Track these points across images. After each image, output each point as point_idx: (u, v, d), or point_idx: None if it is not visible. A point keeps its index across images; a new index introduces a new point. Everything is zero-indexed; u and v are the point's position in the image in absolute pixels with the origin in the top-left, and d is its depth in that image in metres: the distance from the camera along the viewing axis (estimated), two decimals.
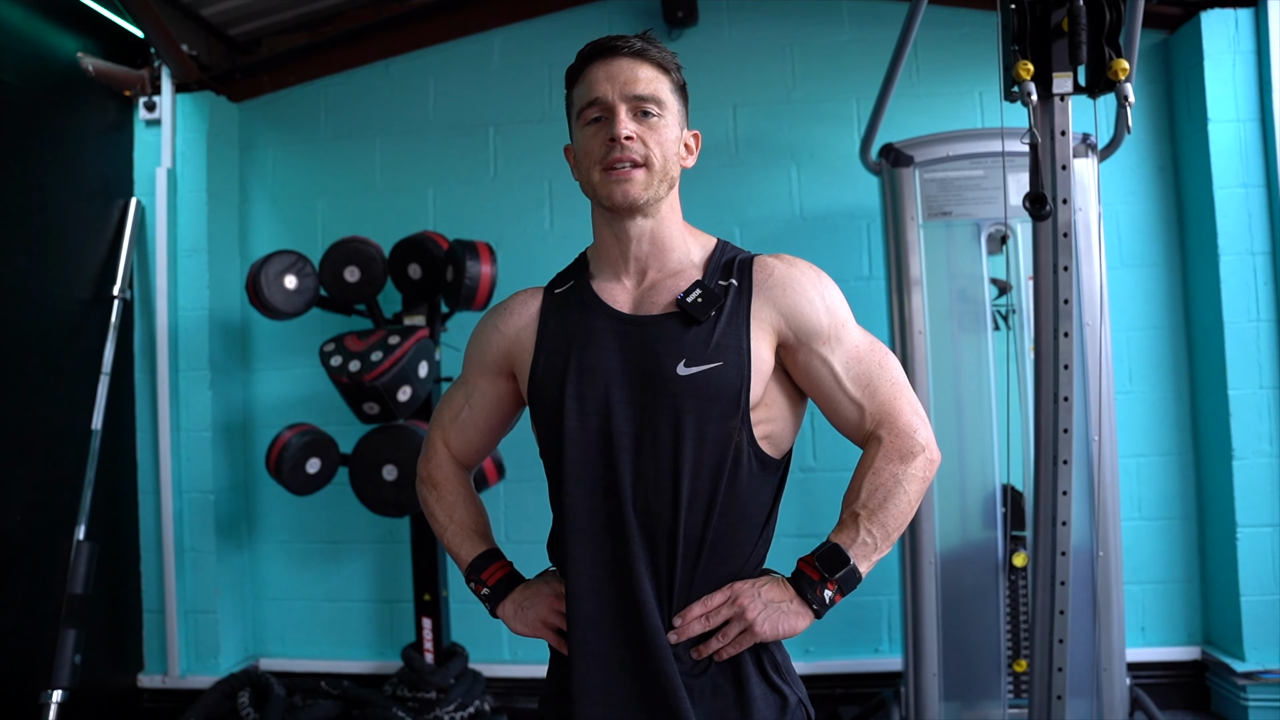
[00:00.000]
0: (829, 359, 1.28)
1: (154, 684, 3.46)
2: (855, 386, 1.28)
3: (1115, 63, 1.99)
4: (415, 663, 3.27)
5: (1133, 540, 3.23)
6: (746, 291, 1.28)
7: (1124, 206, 3.30)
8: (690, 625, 1.23)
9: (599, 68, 1.28)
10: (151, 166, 3.52)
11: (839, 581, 1.24)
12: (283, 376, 3.68)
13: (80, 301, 3.23)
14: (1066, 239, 2.08)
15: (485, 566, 1.40)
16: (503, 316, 1.41)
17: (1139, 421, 3.28)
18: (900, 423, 1.27)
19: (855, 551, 1.24)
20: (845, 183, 3.40)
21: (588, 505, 1.25)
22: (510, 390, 1.43)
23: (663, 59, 1.30)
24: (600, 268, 1.37)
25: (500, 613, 1.38)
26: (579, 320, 1.32)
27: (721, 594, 1.24)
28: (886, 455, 1.26)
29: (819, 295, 1.28)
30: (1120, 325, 3.25)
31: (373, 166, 3.71)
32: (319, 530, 3.63)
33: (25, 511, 2.94)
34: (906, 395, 1.30)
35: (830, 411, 1.32)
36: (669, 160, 1.29)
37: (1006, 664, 2.69)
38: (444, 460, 1.48)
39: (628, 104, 1.26)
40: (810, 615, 1.25)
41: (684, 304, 1.27)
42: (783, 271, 1.30)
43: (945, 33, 3.37)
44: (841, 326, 1.29)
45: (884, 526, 1.25)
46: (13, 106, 3.00)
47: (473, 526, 1.45)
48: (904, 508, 1.25)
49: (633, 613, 1.22)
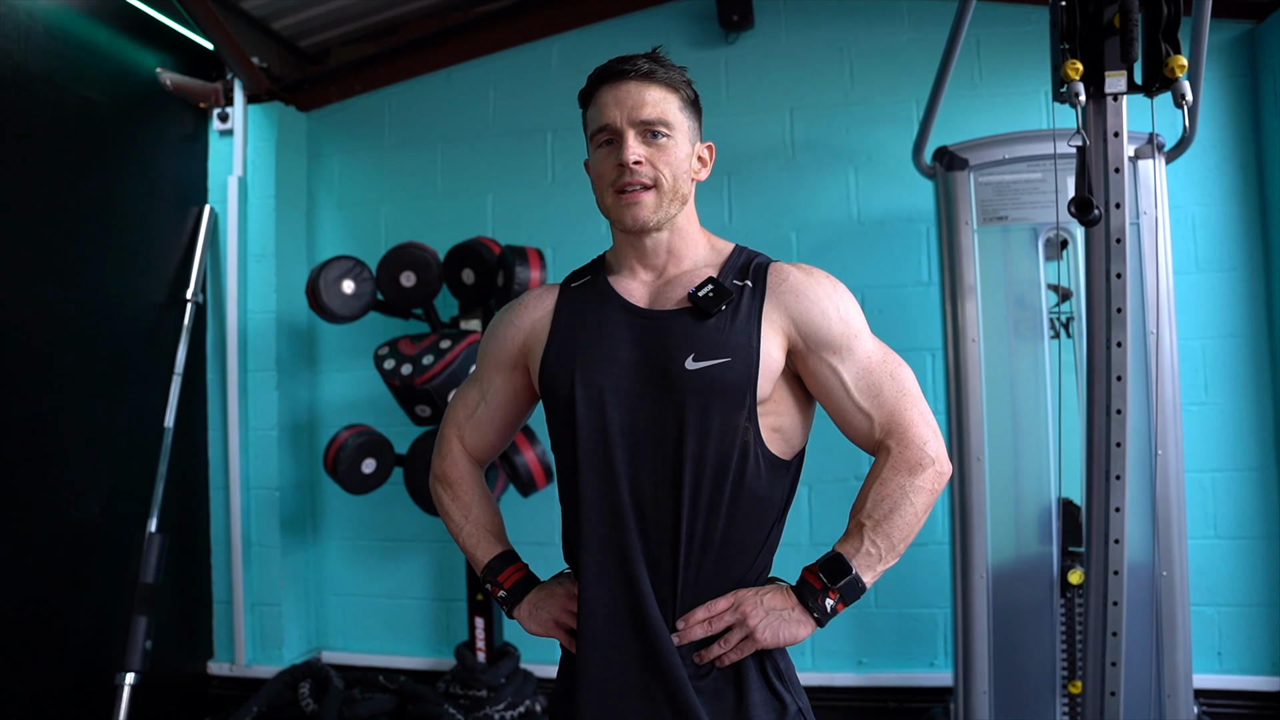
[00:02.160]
0: (839, 368, 1.28)
1: (222, 671, 3.61)
2: (864, 397, 1.28)
3: (1172, 59, 1.90)
4: (467, 661, 3.33)
5: (1207, 560, 3.07)
6: (760, 293, 1.29)
7: (1200, 209, 3.14)
8: (693, 629, 1.25)
9: (608, 92, 1.30)
10: (224, 175, 3.67)
11: (841, 590, 1.24)
12: (346, 378, 3.79)
13: (156, 305, 3.39)
14: (1120, 245, 1.99)
15: (502, 569, 1.43)
16: (518, 311, 1.43)
17: (1215, 434, 3.11)
18: (910, 434, 1.27)
19: (859, 561, 1.25)
20: (904, 186, 3.32)
21: (597, 496, 1.26)
22: (525, 384, 1.44)
23: (670, 78, 1.31)
24: (619, 265, 1.39)
25: (516, 614, 1.41)
26: (594, 312, 1.35)
27: (725, 600, 1.26)
28: (894, 466, 1.26)
29: (832, 305, 1.29)
30: (1195, 333, 3.09)
31: (434, 172, 3.79)
32: (379, 528, 3.72)
33: (103, 504, 3.09)
34: (918, 406, 1.29)
35: (840, 420, 1.32)
36: (679, 179, 1.31)
37: (1061, 685, 2.58)
38: (459, 458, 1.49)
39: (635, 129, 1.28)
40: (812, 623, 1.25)
41: (695, 298, 1.28)
42: (797, 279, 1.31)
43: (1008, 31, 3.26)
44: (854, 337, 1.29)
45: (889, 537, 1.25)
46: (98, 121, 3.17)
47: (488, 526, 1.47)
48: (910, 519, 1.25)
49: (637, 607, 1.24)
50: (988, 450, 2.64)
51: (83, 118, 3.09)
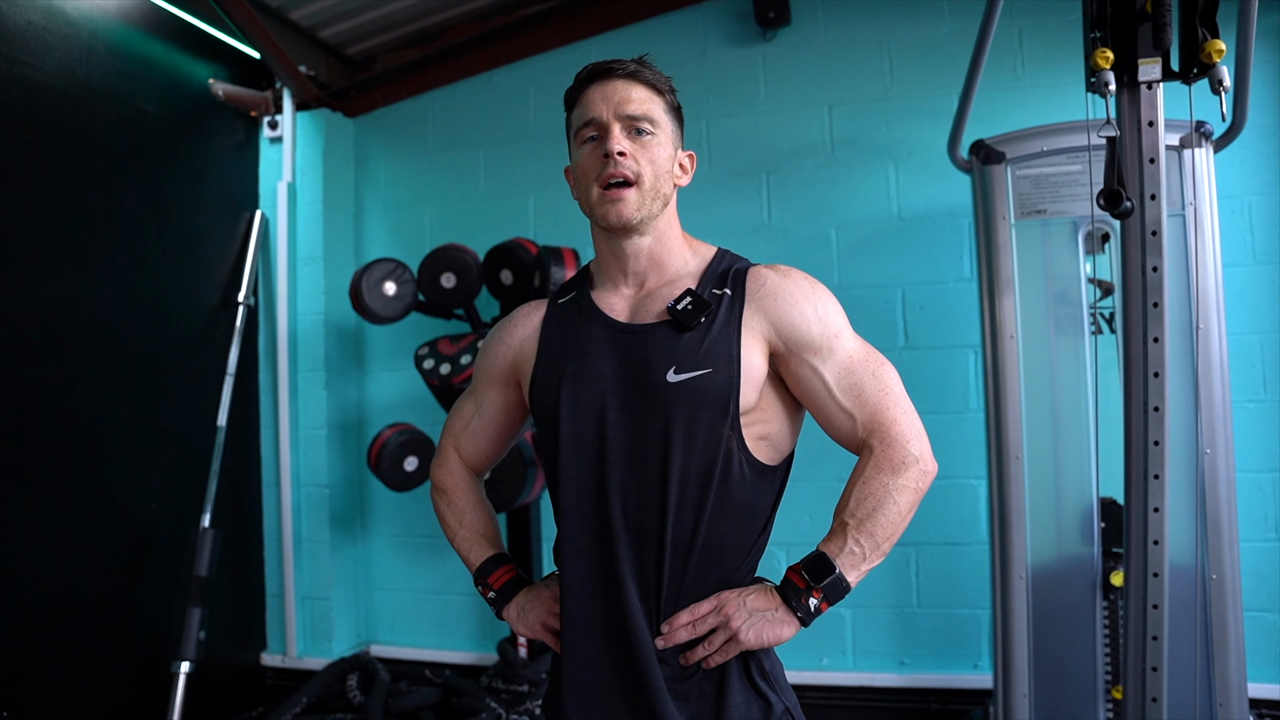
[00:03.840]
0: (820, 369, 1.28)
1: (275, 663, 3.72)
2: (846, 396, 1.28)
3: (1209, 44, 1.83)
4: (509, 656, 3.38)
5: (1266, 564, 2.95)
6: (739, 300, 1.30)
7: (1257, 198, 3.02)
8: (676, 633, 1.25)
9: (595, 89, 1.32)
10: (274, 181, 3.78)
11: (825, 590, 1.24)
12: (393, 378, 3.87)
13: (209, 308, 3.51)
14: (1156, 238, 1.93)
15: (492, 571, 1.47)
16: (508, 329, 1.47)
17: (1276, 432, 2.99)
18: (893, 432, 1.26)
19: (842, 560, 1.24)
20: (945, 181, 3.26)
21: (580, 509, 1.29)
22: (517, 399, 1.48)
23: (656, 81, 1.33)
24: (601, 280, 1.41)
25: (505, 615, 1.45)
26: (578, 329, 1.36)
27: (708, 603, 1.26)
28: (877, 465, 1.26)
29: (811, 306, 1.29)
30: (1249, 328, 2.97)
31: (477, 175, 3.85)
32: (425, 525, 3.79)
33: (159, 500, 3.22)
34: (901, 405, 1.29)
35: (823, 421, 1.32)
36: (660, 177, 1.32)
37: (1105, 689, 2.51)
38: (455, 466, 1.54)
39: (621, 122, 1.30)
40: (796, 623, 1.25)
41: (674, 311, 1.29)
42: (775, 282, 1.31)
43: (1052, 20, 3.18)
44: (835, 337, 1.29)
45: (872, 536, 1.24)
46: (153, 131, 3.30)
47: (481, 531, 1.51)
48: (894, 518, 1.24)
49: (619, 615, 1.25)
50: (1027, 448, 2.58)
51: (139, 129, 3.22)
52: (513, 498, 3.15)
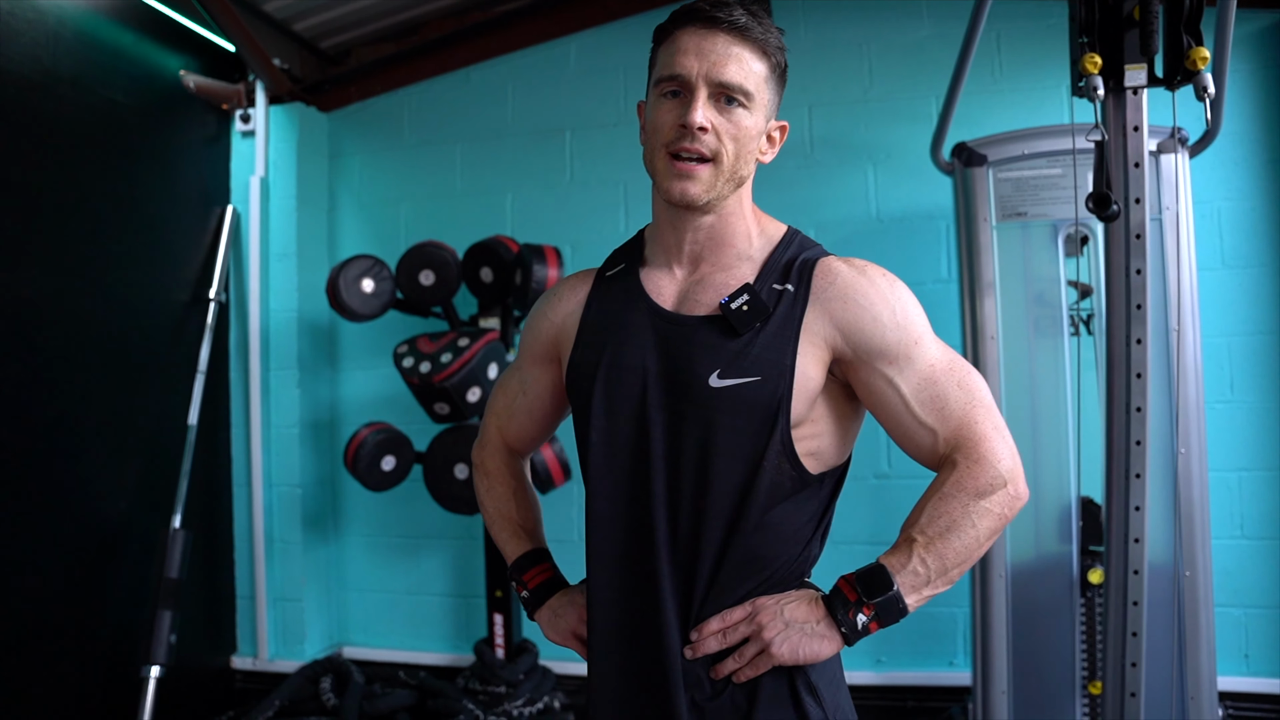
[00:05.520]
0: (895, 380, 1.13)
1: (245, 666, 3.66)
2: (926, 409, 1.13)
3: (1194, 51, 1.87)
4: (486, 657, 3.35)
5: (1234, 560, 3.02)
6: (802, 299, 1.15)
7: (1226, 203, 3.09)
8: (705, 641, 1.14)
9: (691, 37, 1.14)
10: (246, 175, 3.71)
11: (877, 607, 1.09)
12: (368, 376, 3.82)
13: (180, 304, 3.44)
14: (1139, 241, 1.97)
15: (528, 568, 1.36)
16: (553, 302, 1.35)
17: (1242, 433, 3.06)
18: (981, 449, 1.11)
19: (903, 579, 1.10)
20: (923, 183, 3.29)
21: (610, 511, 1.19)
22: (560, 378, 1.34)
23: (765, 40, 1.14)
24: (654, 251, 1.27)
25: (537, 618, 1.34)
26: (620, 312, 1.24)
27: (742, 609, 1.14)
28: (960, 483, 1.10)
29: (887, 309, 1.13)
30: (1220, 330, 3.04)
31: (453, 171, 3.81)
32: (399, 525, 3.75)
33: (128, 501, 3.14)
34: (991, 419, 1.13)
35: (899, 437, 1.17)
36: (741, 157, 1.15)
37: (1081, 685, 2.56)
38: (497, 448, 1.44)
39: (711, 88, 1.12)
40: (838, 639, 1.11)
41: (727, 310, 1.15)
42: (847, 279, 1.15)
43: (1030, 25, 3.22)
44: (914, 345, 1.14)
45: (941, 559, 1.09)
46: (122, 123, 3.22)
47: (520, 522, 1.40)
48: (970, 544, 1.09)
49: (647, 624, 1.15)
50: None
51: (108, 119, 3.14)
52: None
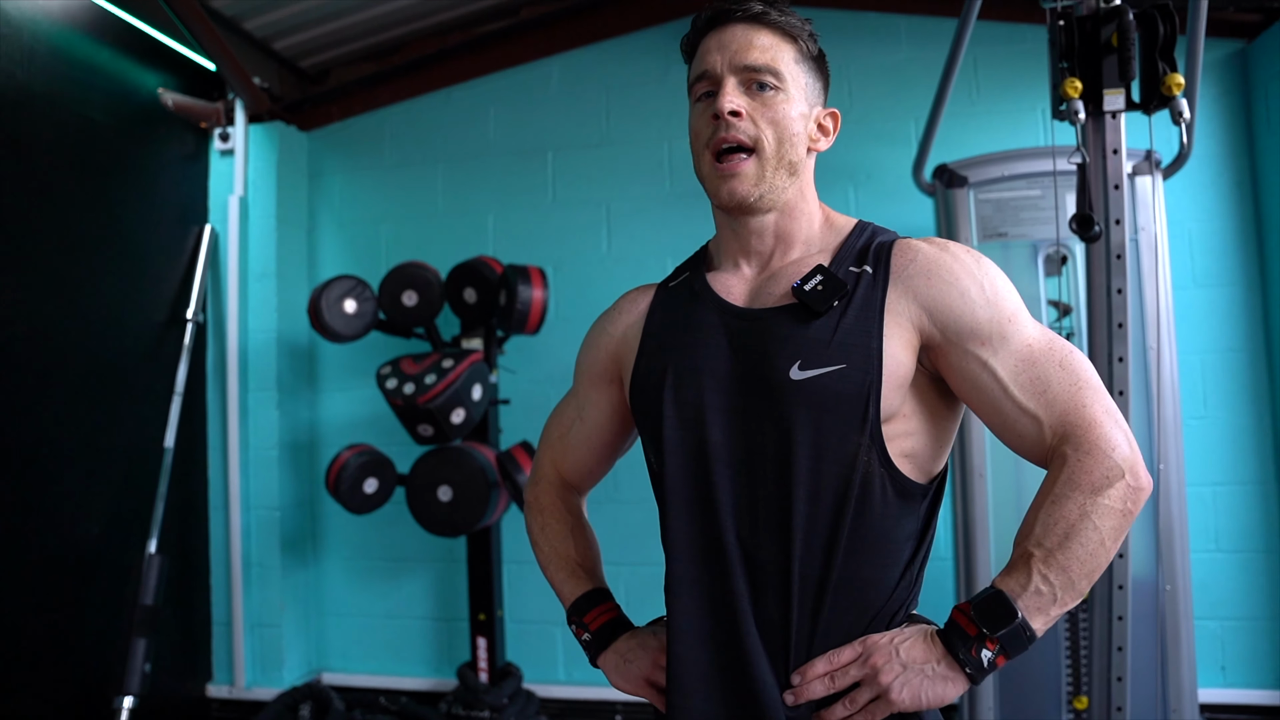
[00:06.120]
0: (990, 362, 1.04)
1: (221, 694, 3.58)
2: (1028, 395, 1.03)
3: (1169, 77, 1.93)
4: (469, 681, 3.31)
5: (1210, 574, 3.07)
6: (882, 280, 1.07)
7: (1196, 224, 3.16)
8: (811, 686, 1.03)
9: (712, 37, 1.13)
10: (225, 194, 3.68)
11: (1001, 640, 0.99)
12: (347, 397, 3.79)
13: (157, 324, 3.39)
14: (1120, 261, 2.01)
15: (589, 609, 1.24)
16: (611, 318, 1.28)
17: (1216, 449, 3.12)
18: (1092, 436, 1.00)
19: (1025, 602, 0.99)
20: (902, 203, 3.34)
21: (688, 534, 1.09)
22: (623, 400, 1.26)
23: (786, 24, 1.12)
24: (720, 259, 1.21)
25: (601, 663, 1.22)
26: (687, 315, 1.16)
27: (851, 650, 1.03)
28: (1072, 480, 0.99)
29: (975, 284, 1.05)
30: (1194, 348, 3.11)
31: (435, 191, 3.80)
32: (380, 548, 3.71)
33: (102, 525, 3.08)
34: (1101, 401, 1.02)
35: (999, 427, 1.07)
36: (785, 142, 1.10)
37: (1067, 700, 2.58)
38: (552, 484, 1.34)
39: (738, 75, 1.09)
40: (964, 680, 1.01)
41: (801, 293, 1.07)
42: (929, 256, 1.08)
43: (1006, 49, 3.29)
44: (1008, 322, 1.04)
45: (1065, 571, 0.98)
46: (100, 141, 3.18)
47: (579, 561, 1.29)
48: (1093, 549, 0.98)
49: (738, 665, 1.05)
50: (990, 466, 2.64)
51: (85, 137, 3.11)
52: (475, 519, 3.10)
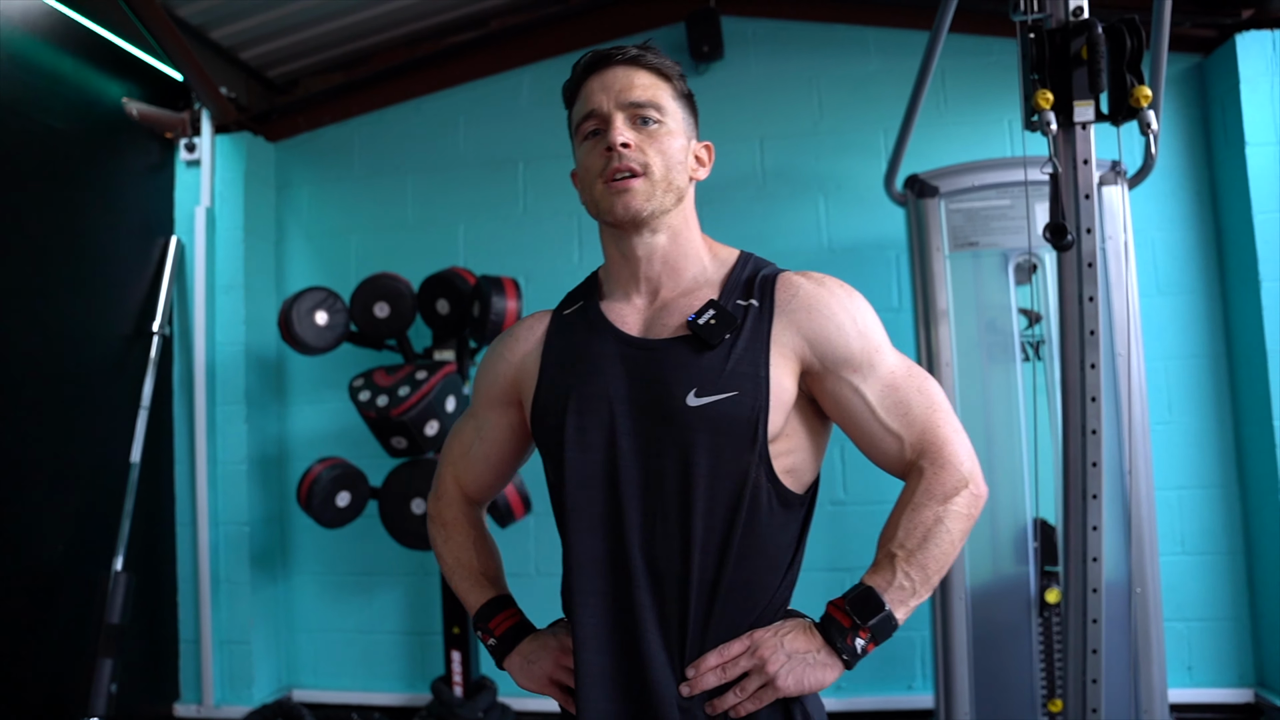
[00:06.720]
0: (861, 388, 1.17)
1: (189, 714, 3.50)
2: (891, 416, 1.17)
3: (1137, 90, 1.97)
4: (444, 695, 3.28)
5: (1176, 576, 3.13)
6: (768, 313, 1.18)
7: (1159, 233, 3.23)
8: (704, 677, 1.13)
9: (594, 80, 1.22)
10: (191, 205, 3.62)
11: (872, 629, 1.13)
12: (317, 410, 3.74)
13: (122, 337, 3.32)
14: (1091, 269, 2.04)
15: (493, 615, 1.33)
16: (509, 344, 1.34)
17: (1180, 453, 3.19)
18: (945, 453, 1.15)
19: (891, 596, 1.13)
20: (873, 214, 3.38)
21: (592, 548, 1.17)
22: (520, 421, 1.34)
23: (661, 65, 1.23)
24: (611, 288, 1.30)
25: (507, 665, 1.31)
26: (584, 344, 1.24)
27: (740, 643, 1.15)
28: (928, 490, 1.15)
29: (849, 318, 1.17)
30: (1158, 354, 3.17)
31: (405, 203, 3.78)
32: (351, 562, 3.66)
33: (66, 542, 3.00)
34: (951, 422, 1.18)
35: (866, 445, 1.20)
36: (672, 169, 1.20)
37: (1041, 704, 2.61)
38: (454, 498, 1.42)
39: (624, 111, 1.19)
40: (840, 666, 1.14)
41: (695, 326, 1.17)
42: (809, 292, 1.19)
43: (974, 61, 3.35)
44: (875, 352, 1.18)
45: (924, 569, 1.13)
46: (62, 151, 3.12)
47: (482, 570, 1.38)
48: (946, 548, 1.14)
49: (639, 667, 1.14)
50: None
51: (47, 147, 3.04)
52: None
